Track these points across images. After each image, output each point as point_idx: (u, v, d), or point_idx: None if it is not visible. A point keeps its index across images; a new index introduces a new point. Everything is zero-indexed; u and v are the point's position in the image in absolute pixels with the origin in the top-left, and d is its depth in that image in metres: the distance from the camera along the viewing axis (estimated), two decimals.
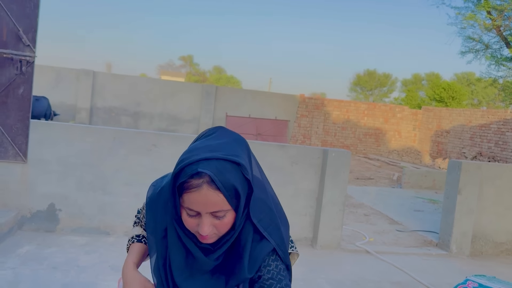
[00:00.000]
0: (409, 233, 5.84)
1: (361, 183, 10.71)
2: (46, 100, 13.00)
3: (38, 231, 4.20)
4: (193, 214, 1.06)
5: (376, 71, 48.43)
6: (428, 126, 18.78)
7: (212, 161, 1.03)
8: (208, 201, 1.02)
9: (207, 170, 1.01)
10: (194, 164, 1.02)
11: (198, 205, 1.03)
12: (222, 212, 1.04)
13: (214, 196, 1.02)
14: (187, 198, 1.04)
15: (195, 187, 1.02)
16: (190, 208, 1.04)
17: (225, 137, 1.12)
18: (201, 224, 1.05)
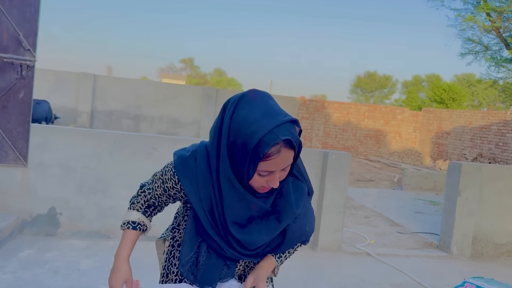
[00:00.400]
0: (409, 235, 5.84)
1: (361, 184, 10.71)
2: (47, 103, 13.03)
3: (39, 235, 4.21)
4: (266, 174, 1.19)
5: (376, 73, 48.47)
6: (429, 128, 18.77)
7: (280, 126, 1.14)
8: (285, 160, 1.18)
9: (286, 135, 1.14)
10: (270, 133, 1.13)
11: (275, 166, 1.17)
12: (288, 166, 1.21)
13: (290, 155, 1.18)
14: (265, 164, 1.16)
15: (276, 153, 1.15)
16: (267, 170, 1.18)
17: (267, 100, 1.21)
18: (273, 179, 1.20)
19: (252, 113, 1.17)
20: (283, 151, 1.15)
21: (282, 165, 1.18)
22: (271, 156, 1.15)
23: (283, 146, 1.15)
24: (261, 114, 1.16)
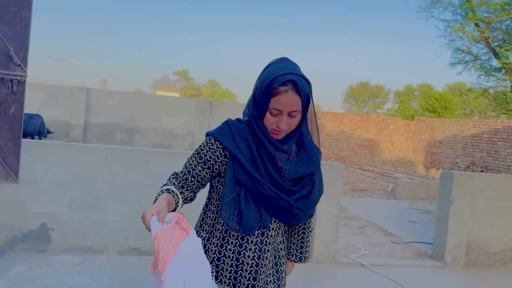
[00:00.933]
0: (403, 244, 5.84)
1: (356, 194, 10.72)
2: (39, 118, 12.97)
3: (30, 251, 4.17)
4: (276, 113, 1.45)
5: (369, 83, 48.86)
6: (421, 137, 18.89)
7: (294, 75, 1.43)
8: (291, 101, 1.43)
9: (294, 78, 1.42)
10: (283, 76, 1.41)
11: (282, 105, 1.43)
12: (296, 112, 1.46)
13: (295, 98, 1.43)
14: (275, 100, 1.43)
15: (284, 91, 1.42)
16: (276, 108, 1.44)
17: (292, 63, 1.51)
18: (281, 120, 1.45)
19: (279, 67, 1.46)
20: (290, 92, 1.42)
21: (289, 106, 1.43)
22: (280, 93, 1.42)
23: (291, 88, 1.42)
24: (284, 67, 1.45)
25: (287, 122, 1.47)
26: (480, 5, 14.39)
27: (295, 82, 1.41)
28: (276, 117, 1.46)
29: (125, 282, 3.69)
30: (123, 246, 4.34)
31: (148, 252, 4.36)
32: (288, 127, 1.48)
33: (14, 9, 4.04)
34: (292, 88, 1.42)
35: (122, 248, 4.34)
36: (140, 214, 4.50)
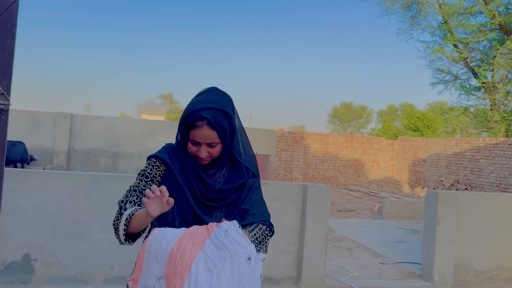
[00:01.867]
0: (392, 265, 5.84)
1: (343, 215, 10.73)
2: (22, 145, 12.81)
3: (13, 283, 4.05)
4: (195, 143, 1.55)
5: (352, 103, 49.54)
6: (405, 156, 19.11)
7: (210, 110, 1.51)
8: (207, 136, 1.52)
9: (208, 115, 1.50)
10: (199, 111, 1.50)
11: (199, 138, 1.53)
12: (215, 143, 1.55)
13: (210, 133, 1.52)
14: (192, 133, 1.53)
15: (199, 126, 1.51)
16: (194, 140, 1.54)
17: (218, 94, 1.59)
18: (200, 150, 1.55)
19: (201, 98, 1.56)
20: (205, 127, 1.50)
21: (205, 139, 1.52)
22: (196, 127, 1.51)
23: (206, 123, 1.50)
24: (205, 100, 1.54)
25: (208, 151, 1.56)
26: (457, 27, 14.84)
27: (209, 119, 1.49)
28: (197, 146, 1.56)
29: None
30: (109, 275, 4.25)
31: None
32: (211, 155, 1.57)
33: None
34: (207, 123, 1.50)
35: (108, 277, 4.24)
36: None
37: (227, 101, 1.58)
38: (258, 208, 1.61)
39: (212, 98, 1.56)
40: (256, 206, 1.61)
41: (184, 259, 1.29)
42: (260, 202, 1.63)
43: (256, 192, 1.65)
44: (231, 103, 1.61)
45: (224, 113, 1.53)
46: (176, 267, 1.28)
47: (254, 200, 1.62)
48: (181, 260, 1.29)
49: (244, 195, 1.62)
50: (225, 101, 1.57)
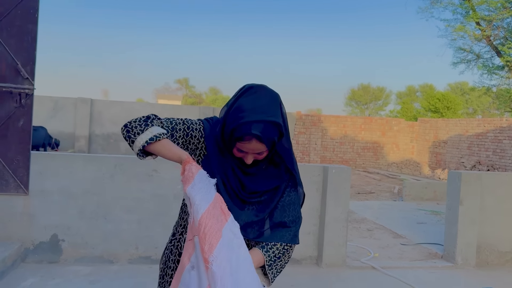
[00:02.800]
0: (413, 246, 5.82)
1: (362, 197, 10.70)
2: (43, 130, 13.05)
3: (42, 263, 4.18)
4: (242, 152, 1.50)
5: (370, 85, 48.82)
6: (425, 138, 18.86)
7: (260, 124, 1.43)
8: (255, 148, 1.47)
9: (257, 131, 1.42)
10: (248, 124, 1.42)
11: (247, 149, 1.48)
12: (261, 152, 1.50)
13: (259, 146, 1.47)
14: (240, 145, 1.48)
15: (247, 140, 1.45)
16: (242, 150, 1.49)
17: (264, 97, 1.49)
18: (247, 157, 1.51)
19: (247, 104, 1.46)
20: (254, 141, 1.44)
21: (253, 150, 1.48)
22: (243, 141, 1.45)
23: (255, 138, 1.43)
24: (252, 107, 1.45)
25: (255, 157, 1.52)
26: (480, 4, 14.41)
27: (258, 135, 1.43)
28: (242, 153, 1.51)
29: None
30: (134, 255, 4.35)
31: (159, 260, 4.36)
32: (257, 159, 1.53)
33: (20, 23, 4.07)
34: (256, 137, 1.44)
35: (133, 257, 4.34)
36: (149, 223, 4.46)
37: (275, 107, 1.50)
38: (290, 214, 1.59)
39: (260, 104, 1.47)
40: (288, 212, 1.59)
41: (213, 228, 1.34)
42: (293, 206, 1.60)
43: (290, 194, 1.61)
44: (278, 106, 1.51)
45: (274, 124, 1.46)
46: (206, 234, 1.33)
47: (286, 205, 1.59)
48: (210, 228, 1.33)
49: (276, 198, 1.58)
50: (274, 108, 1.49)
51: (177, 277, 1.46)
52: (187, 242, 1.44)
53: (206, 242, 1.32)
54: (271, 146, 1.49)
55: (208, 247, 1.31)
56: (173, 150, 1.48)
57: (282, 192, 1.59)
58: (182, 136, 1.58)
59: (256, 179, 1.58)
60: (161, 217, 4.33)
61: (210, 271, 1.29)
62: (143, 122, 1.50)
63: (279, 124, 1.47)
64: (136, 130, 1.49)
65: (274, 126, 1.46)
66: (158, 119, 1.57)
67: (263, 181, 1.58)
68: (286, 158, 1.60)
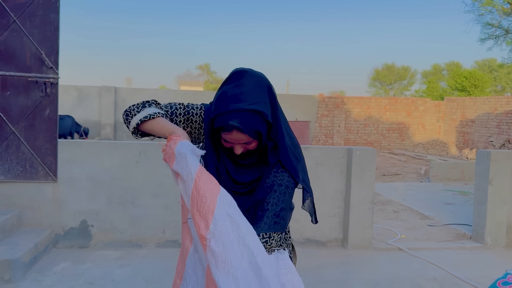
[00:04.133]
0: (441, 227, 5.73)
1: (388, 179, 10.58)
2: (70, 119, 13.32)
3: (72, 248, 4.30)
4: (228, 143, 1.42)
5: (394, 64, 47.80)
6: (452, 117, 18.42)
7: (239, 113, 1.34)
8: (238, 139, 1.39)
9: (235, 122, 1.34)
10: (225, 115, 1.35)
11: (230, 140, 1.40)
12: (249, 142, 1.41)
13: (241, 136, 1.37)
14: (224, 135, 1.40)
15: (227, 131, 1.38)
16: (226, 140, 1.41)
17: (247, 84, 1.39)
18: (235, 148, 1.42)
19: (228, 92, 1.39)
20: (235, 132, 1.37)
21: (238, 141, 1.40)
22: (225, 131, 1.38)
23: (235, 128, 1.36)
24: (232, 95, 1.37)
25: (244, 147, 1.43)
26: None
27: (237, 126, 1.35)
28: (230, 144, 1.43)
29: (165, 274, 3.77)
30: (161, 239, 4.42)
31: None
32: (248, 148, 1.44)
33: (42, 13, 4.13)
34: (236, 128, 1.36)
35: (161, 241, 4.42)
36: (176, 207, 4.51)
37: (259, 93, 1.40)
38: (272, 196, 1.44)
39: (241, 91, 1.37)
40: (270, 192, 1.45)
41: (205, 202, 1.28)
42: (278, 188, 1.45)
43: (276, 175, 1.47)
44: (264, 91, 1.42)
45: (255, 113, 1.36)
46: (199, 210, 1.28)
47: (269, 187, 1.45)
48: (202, 203, 1.28)
49: (260, 185, 1.48)
50: (256, 95, 1.39)
51: (182, 261, 1.45)
52: (182, 225, 1.42)
53: (201, 219, 1.26)
54: (256, 135, 1.39)
55: (203, 223, 1.26)
56: (167, 127, 1.43)
57: (267, 175, 1.48)
58: (182, 121, 1.54)
59: (245, 170, 1.50)
60: None
61: (209, 249, 1.23)
62: (140, 105, 1.50)
63: (261, 112, 1.36)
64: (133, 112, 1.49)
65: (256, 114, 1.36)
66: (158, 104, 1.55)
67: (251, 171, 1.50)
68: (280, 148, 1.48)
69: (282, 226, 1.44)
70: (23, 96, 4.15)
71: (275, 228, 1.41)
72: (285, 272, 1.39)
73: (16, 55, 4.13)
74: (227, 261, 1.22)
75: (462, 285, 3.77)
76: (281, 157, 1.47)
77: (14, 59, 4.13)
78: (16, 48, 4.12)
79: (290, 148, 1.49)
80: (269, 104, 1.41)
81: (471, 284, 3.76)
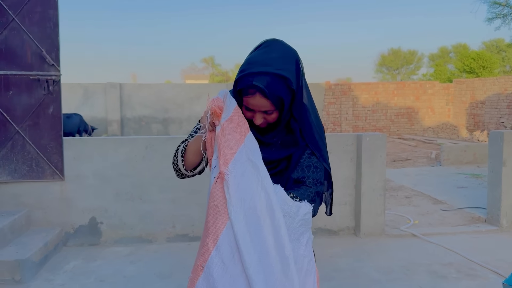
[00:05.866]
0: (455, 211, 5.64)
1: (398, 165, 10.46)
2: (77, 116, 13.33)
3: (83, 246, 4.28)
4: (250, 109, 1.39)
5: (400, 49, 47.24)
6: (462, 99, 18.16)
7: (264, 76, 1.31)
8: (260, 104, 1.35)
9: (260, 83, 1.30)
10: (251, 76, 1.31)
11: (252, 106, 1.36)
12: (270, 111, 1.37)
13: (264, 102, 1.34)
14: (245, 100, 1.37)
15: (251, 94, 1.34)
16: (248, 107, 1.38)
17: (277, 51, 1.36)
18: (255, 117, 1.39)
19: (256, 57, 1.36)
20: (258, 96, 1.33)
21: (259, 107, 1.36)
22: (247, 94, 1.35)
23: (258, 91, 1.32)
24: (260, 59, 1.34)
25: (265, 118, 1.40)
26: None
27: (261, 87, 1.31)
28: (251, 112, 1.40)
29: (177, 268, 3.73)
30: (171, 234, 4.39)
31: (196, 237, 4.39)
32: (268, 120, 1.41)
33: (41, 9, 4.07)
34: (259, 92, 1.32)
35: (171, 236, 4.38)
36: (184, 201, 4.46)
37: (287, 61, 1.35)
38: (310, 176, 1.43)
39: (269, 57, 1.34)
40: (307, 173, 1.43)
41: (229, 144, 1.34)
42: (314, 169, 1.44)
43: (310, 157, 1.45)
44: (292, 61, 1.37)
45: (281, 78, 1.31)
46: (220, 150, 1.34)
47: (306, 167, 1.43)
48: (226, 144, 1.34)
49: (293, 164, 1.45)
50: (284, 62, 1.34)
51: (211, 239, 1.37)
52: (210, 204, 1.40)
53: (222, 158, 1.33)
54: (279, 103, 1.35)
55: (223, 161, 1.32)
56: (196, 137, 1.51)
57: (299, 157, 1.45)
58: None
59: (269, 149, 1.46)
60: (195, 195, 4.33)
61: (226, 183, 1.31)
62: (174, 155, 1.59)
63: (287, 78, 1.32)
64: (174, 161, 1.59)
65: (281, 79, 1.32)
66: (184, 141, 1.61)
67: (277, 150, 1.46)
68: (304, 124, 1.43)
69: (315, 206, 1.43)
70: (25, 95, 4.11)
71: (313, 202, 1.41)
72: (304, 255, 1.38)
73: (17, 53, 4.08)
74: (242, 199, 1.29)
75: (479, 269, 3.69)
76: (308, 138, 1.44)
77: (15, 58, 4.08)
78: (16, 46, 4.08)
79: (316, 128, 1.46)
80: (295, 75, 1.36)
81: (488, 268, 3.68)
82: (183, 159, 1.55)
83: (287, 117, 1.42)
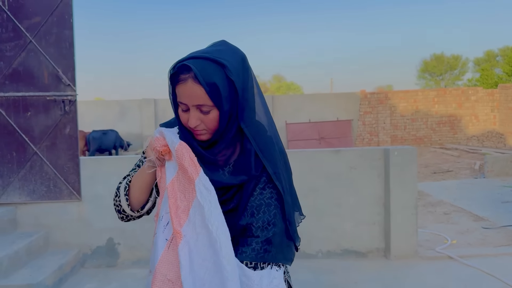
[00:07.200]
0: (497, 229, 5.18)
1: (439, 177, 9.93)
2: (113, 133, 13.58)
3: (100, 267, 4.20)
4: (185, 108, 1.19)
5: (443, 54, 45.74)
6: (508, 105, 17.18)
7: (199, 60, 1.15)
8: (193, 93, 1.15)
9: (192, 64, 1.13)
10: (184, 61, 1.16)
11: (185, 97, 1.16)
12: (206, 107, 1.16)
13: (197, 90, 1.14)
14: (178, 91, 1.18)
15: (182, 80, 1.15)
16: (181, 101, 1.18)
17: (221, 45, 1.22)
18: (190, 116, 1.18)
19: (197, 50, 1.22)
20: (190, 82, 1.15)
21: (192, 99, 1.16)
22: (179, 81, 1.16)
23: (191, 77, 1.14)
24: (200, 50, 1.21)
25: (201, 119, 1.18)
26: None
27: (194, 71, 1.13)
28: (186, 113, 1.20)
29: None
30: None
31: None
32: (205, 125, 1.19)
33: (57, 30, 4.08)
34: (192, 77, 1.14)
35: None
36: None
37: (230, 54, 1.19)
38: (260, 218, 1.20)
39: (211, 49, 1.20)
40: (257, 215, 1.20)
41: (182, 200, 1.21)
42: (264, 208, 1.21)
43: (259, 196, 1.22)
44: (237, 57, 1.20)
45: (218, 64, 1.14)
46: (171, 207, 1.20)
47: (255, 208, 1.20)
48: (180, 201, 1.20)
49: (243, 205, 1.21)
50: (227, 54, 1.18)
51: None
52: None
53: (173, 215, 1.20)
54: (215, 96, 1.14)
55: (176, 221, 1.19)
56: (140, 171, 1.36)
57: (250, 193, 1.22)
58: None
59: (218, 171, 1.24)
60: None
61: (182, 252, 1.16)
62: (115, 195, 1.45)
63: (226, 67, 1.14)
64: (118, 204, 1.46)
65: (218, 66, 1.15)
66: (125, 177, 1.46)
67: (229, 173, 1.24)
68: (257, 141, 1.22)
69: (273, 255, 1.20)
70: (43, 116, 4.11)
71: (264, 257, 1.18)
72: None
73: (34, 75, 4.10)
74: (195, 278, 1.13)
75: None
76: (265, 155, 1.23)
77: (32, 79, 4.10)
78: (33, 68, 4.10)
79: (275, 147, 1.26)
80: (240, 72, 1.19)
81: None
82: (127, 197, 1.40)
83: (232, 127, 1.21)
